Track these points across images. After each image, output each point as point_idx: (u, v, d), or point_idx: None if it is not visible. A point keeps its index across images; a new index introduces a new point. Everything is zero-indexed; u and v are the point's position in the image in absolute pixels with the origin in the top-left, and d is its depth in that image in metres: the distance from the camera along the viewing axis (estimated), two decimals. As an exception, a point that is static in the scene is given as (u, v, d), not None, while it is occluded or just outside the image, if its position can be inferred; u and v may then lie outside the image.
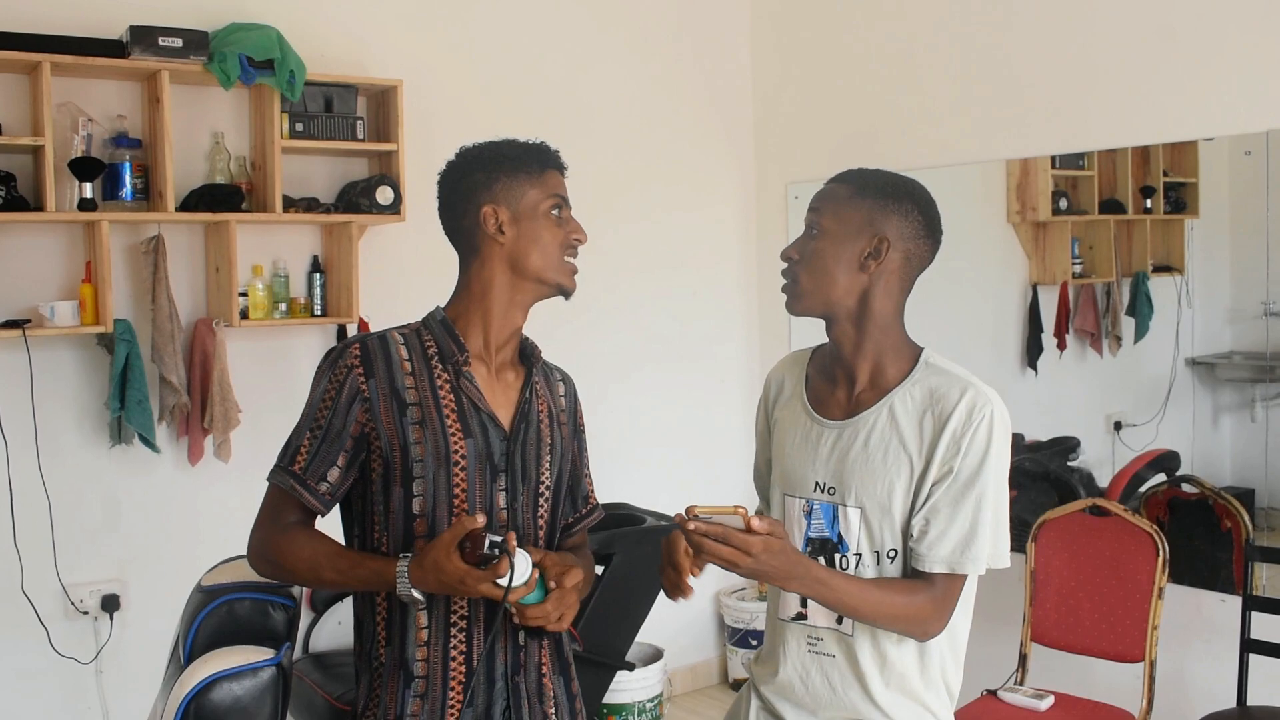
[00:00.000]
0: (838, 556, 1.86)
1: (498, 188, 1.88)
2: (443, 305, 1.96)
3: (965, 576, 1.81)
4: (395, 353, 1.86)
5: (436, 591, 1.75)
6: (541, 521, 1.93)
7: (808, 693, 1.91)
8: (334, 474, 1.83)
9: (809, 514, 1.89)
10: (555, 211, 1.89)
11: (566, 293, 1.93)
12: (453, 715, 1.83)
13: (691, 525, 1.63)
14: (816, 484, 1.88)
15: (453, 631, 1.84)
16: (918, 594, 1.78)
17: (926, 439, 1.80)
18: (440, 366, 1.86)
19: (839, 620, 1.86)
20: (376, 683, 1.88)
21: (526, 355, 1.97)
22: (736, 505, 1.66)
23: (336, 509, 1.92)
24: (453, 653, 1.84)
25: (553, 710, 1.94)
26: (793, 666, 1.93)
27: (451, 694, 1.84)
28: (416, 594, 1.74)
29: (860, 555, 1.84)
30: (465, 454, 1.83)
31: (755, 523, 1.64)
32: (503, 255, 1.89)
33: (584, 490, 2.09)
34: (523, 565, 1.69)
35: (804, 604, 1.90)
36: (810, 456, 1.83)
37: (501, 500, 1.86)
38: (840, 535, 1.85)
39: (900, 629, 1.79)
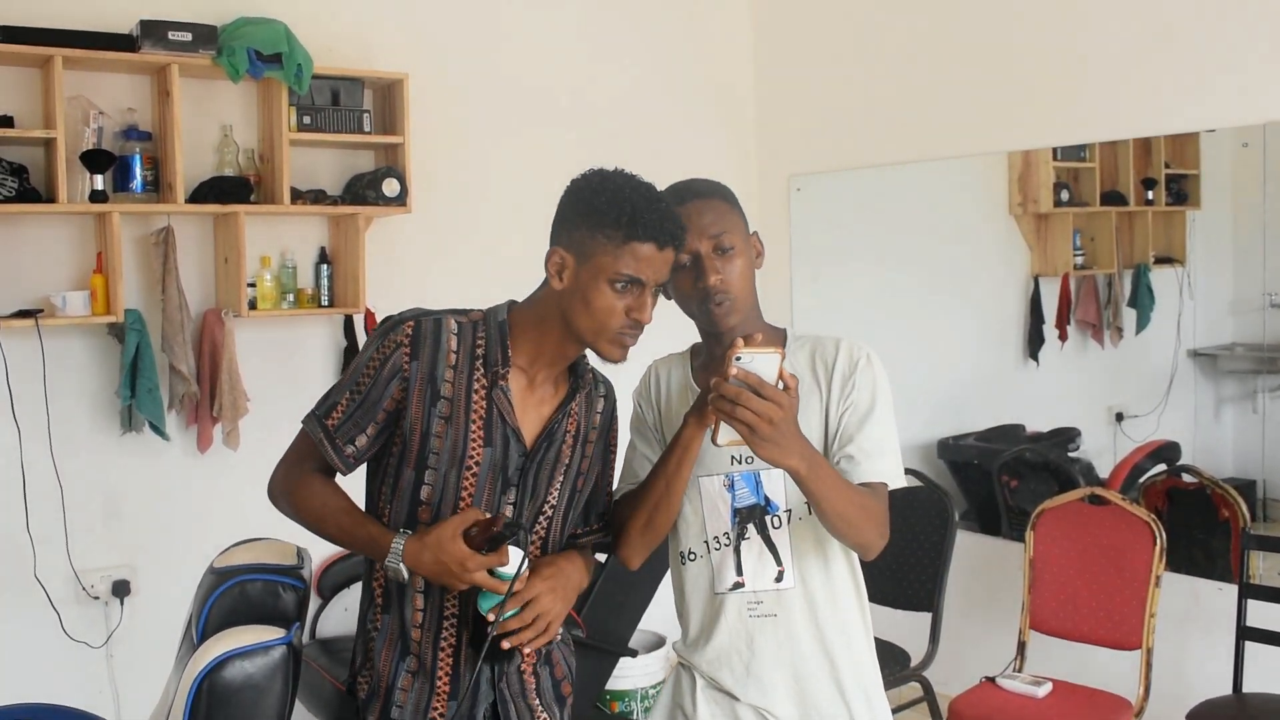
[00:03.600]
0: (768, 518, 1.97)
1: (577, 234, 1.82)
2: (518, 301, 1.95)
3: (887, 490, 1.92)
4: (445, 342, 1.85)
5: (429, 573, 1.77)
6: (535, 538, 1.94)
7: (753, 656, 1.98)
8: (362, 440, 1.87)
9: (731, 487, 1.98)
10: (620, 286, 1.81)
11: (609, 361, 1.89)
12: (439, 701, 1.88)
13: (734, 369, 1.66)
14: (732, 458, 1.97)
15: (444, 625, 1.88)
16: (873, 496, 1.88)
17: (822, 385, 1.96)
18: (482, 370, 1.86)
19: (778, 578, 1.96)
20: (371, 647, 1.93)
21: (576, 373, 1.96)
22: (776, 347, 1.69)
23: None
24: (442, 643, 1.88)
25: (537, 700, 1.97)
26: (731, 637, 2.00)
27: (439, 682, 1.88)
28: (404, 570, 1.77)
29: (791, 509, 1.96)
30: (480, 460, 1.85)
31: (787, 373, 1.69)
32: (556, 299, 1.85)
33: (601, 507, 2.07)
34: (518, 557, 1.74)
35: (740, 572, 1.98)
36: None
37: (508, 513, 1.88)
38: (767, 497, 1.97)
39: (861, 528, 1.85)
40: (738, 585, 1.99)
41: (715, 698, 2.03)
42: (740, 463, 1.97)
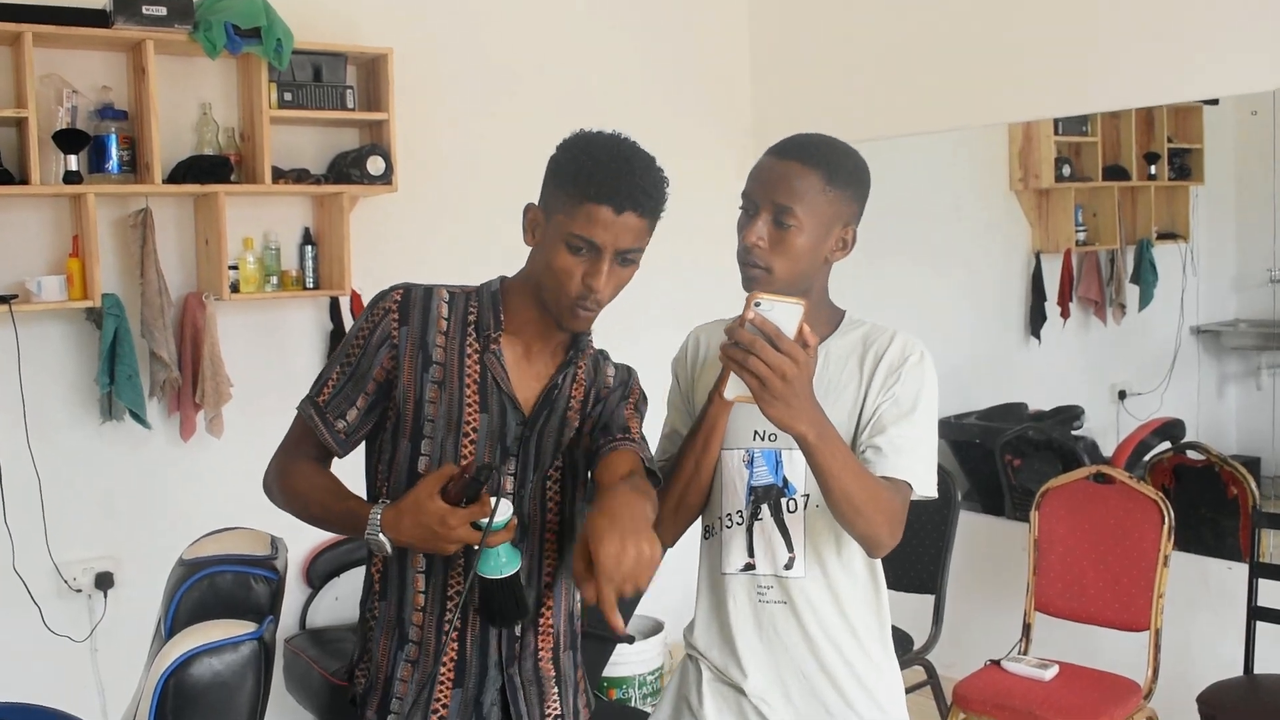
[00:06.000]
0: (784, 500, 1.86)
1: (546, 191, 1.77)
2: (509, 276, 1.89)
3: (911, 493, 1.80)
4: (435, 308, 1.81)
5: (411, 540, 1.66)
6: (552, 505, 1.86)
7: (761, 645, 1.89)
8: (352, 414, 1.81)
9: (750, 463, 1.88)
10: (577, 250, 1.71)
11: (570, 330, 1.82)
12: (442, 689, 1.80)
13: (751, 314, 1.54)
14: (755, 432, 1.87)
15: (448, 606, 1.80)
16: (892, 490, 1.76)
17: (866, 373, 1.85)
18: (475, 335, 1.80)
19: (788, 565, 1.86)
20: (369, 637, 1.86)
21: (577, 346, 1.88)
22: (799, 298, 1.58)
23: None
24: (446, 627, 1.80)
25: (555, 692, 1.89)
26: (744, 623, 1.90)
27: (443, 669, 1.80)
28: (385, 541, 1.67)
29: (808, 495, 1.85)
30: (478, 427, 1.79)
31: (807, 329, 1.57)
32: (532, 259, 1.82)
33: (621, 422, 1.89)
34: (504, 509, 1.64)
35: (751, 554, 1.89)
36: (746, 407, 1.71)
37: (509, 484, 1.81)
38: (786, 479, 1.86)
39: (870, 518, 1.71)
40: (748, 567, 1.90)
41: (722, 691, 1.94)
42: (763, 439, 1.87)
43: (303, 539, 3.54)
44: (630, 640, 4.04)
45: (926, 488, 1.81)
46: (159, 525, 3.73)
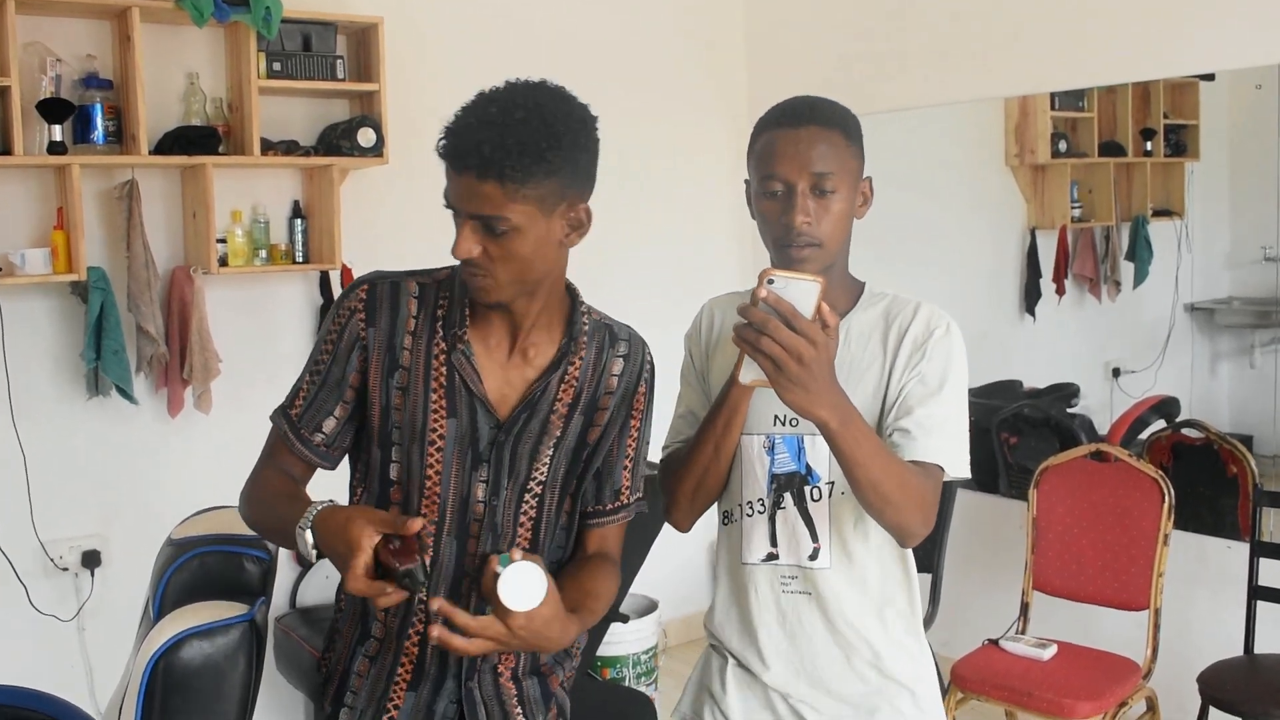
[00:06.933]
0: (807, 489, 1.77)
1: None
2: None
3: (943, 476, 1.71)
4: (405, 306, 1.67)
5: (327, 540, 1.52)
6: (525, 519, 1.71)
7: (785, 636, 1.81)
8: (330, 424, 1.68)
9: (770, 449, 1.78)
10: (455, 217, 1.59)
11: (477, 303, 1.66)
12: (397, 689, 1.71)
13: (764, 292, 1.43)
14: (776, 417, 1.77)
15: (417, 606, 1.70)
16: (922, 475, 1.66)
17: (890, 351, 1.75)
18: (442, 333, 1.66)
19: (812, 556, 1.78)
20: (335, 629, 1.79)
21: (570, 333, 1.71)
22: (816, 275, 1.47)
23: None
24: (410, 632, 1.71)
25: (518, 712, 1.76)
26: (765, 614, 1.82)
27: (400, 669, 1.71)
28: (309, 534, 1.53)
29: (833, 483, 1.75)
30: (445, 434, 1.66)
31: (826, 309, 1.46)
32: None
33: (617, 482, 1.79)
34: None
35: (774, 543, 1.80)
36: (765, 390, 1.61)
37: (480, 492, 1.68)
38: (809, 466, 1.76)
39: (900, 506, 1.62)
40: (771, 557, 1.81)
41: (746, 679, 1.86)
42: (784, 424, 1.77)
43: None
44: (624, 619, 4.01)
45: (959, 468, 1.72)
46: (146, 503, 3.68)
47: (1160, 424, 4.15)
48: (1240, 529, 3.64)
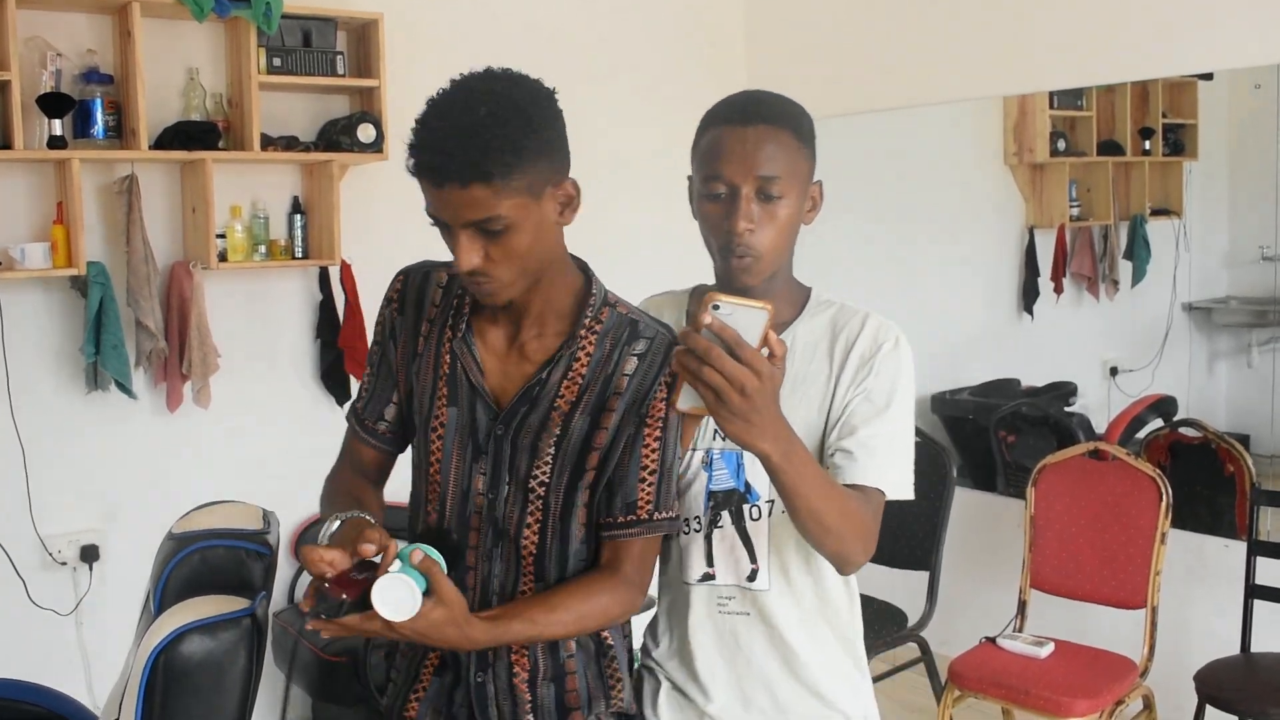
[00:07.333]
0: (746, 507, 1.70)
1: None
2: None
3: (883, 500, 1.63)
4: (430, 294, 1.69)
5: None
6: (531, 521, 1.64)
7: (722, 659, 1.75)
8: (391, 411, 1.73)
9: (709, 465, 1.71)
10: (444, 230, 1.53)
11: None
12: (426, 673, 1.72)
13: (708, 319, 1.31)
14: (716, 432, 1.70)
15: (468, 586, 1.68)
16: (863, 502, 1.59)
17: (836, 364, 1.68)
18: (452, 322, 1.66)
19: (750, 577, 1.71)
20: None
21: (577, 325, 1.64)
22: (765, 302, 1.37)
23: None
24: None
25: (530, 717, 1.69)
26: (701, 635, 1.75)
27: (431, 654, 1.71)
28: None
29: (773, 501, 1.67)
30: (446, 423, 1.64)
31: (774, 338, 1.36)
32: None
33: (630, 494, 1.64)
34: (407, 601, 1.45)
35: (710, 563, 1.72)
36: None
37: (480, 485, 1.64)
38: (748, 483, 1.70)
39: (840, 536, 1.54)
40: (707, 576, 1.73)
41: (680, 703, 1.80)
42: (724, 439, 1.69)
43: (292, 512, 3.49)
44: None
45: (901, 490, 1.65)
46: (145, 497, 3.68)
47: (1158, 423, 4.15)
48: (1237, 528, 3.65)
